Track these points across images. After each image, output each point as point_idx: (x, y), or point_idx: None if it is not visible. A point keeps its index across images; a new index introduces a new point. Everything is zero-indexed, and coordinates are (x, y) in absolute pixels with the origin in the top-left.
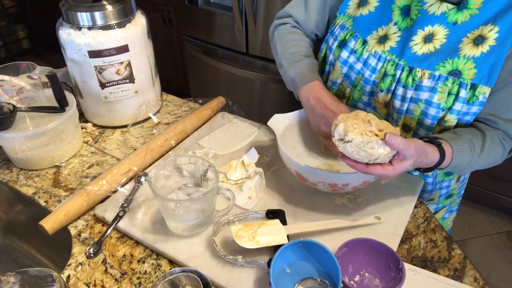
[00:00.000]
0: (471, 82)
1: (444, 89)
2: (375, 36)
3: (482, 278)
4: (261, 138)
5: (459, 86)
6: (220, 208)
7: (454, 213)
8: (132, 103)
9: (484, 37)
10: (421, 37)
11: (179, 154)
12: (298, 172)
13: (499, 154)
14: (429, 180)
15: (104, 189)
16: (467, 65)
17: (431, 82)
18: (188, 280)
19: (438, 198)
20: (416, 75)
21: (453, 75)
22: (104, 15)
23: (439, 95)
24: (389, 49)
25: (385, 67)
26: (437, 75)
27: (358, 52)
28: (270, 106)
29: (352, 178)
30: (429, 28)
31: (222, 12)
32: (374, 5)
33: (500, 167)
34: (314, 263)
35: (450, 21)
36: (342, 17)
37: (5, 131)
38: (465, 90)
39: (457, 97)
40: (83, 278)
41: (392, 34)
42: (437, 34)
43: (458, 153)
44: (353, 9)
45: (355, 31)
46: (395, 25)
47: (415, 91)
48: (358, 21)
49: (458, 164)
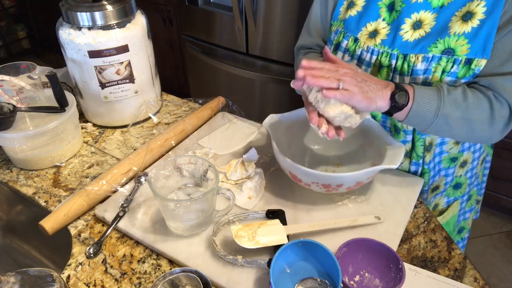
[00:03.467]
0: (466, 57)
1: (438, 69)
2: (365, 32)
3: (482, 278)
4: (261, 138)
5: (453, 63)
6: (220, 208)
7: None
8: (132, 103)
9: (472, 13)
10: (409, 24)
11: (179, 154)
12: (292, 172)
13: (484, 104)
14: (431, 165)
15: (104, 189)
16: (459, 42)
17: (425, 64)
18: (188, 280)
19: (444, 186)
20: (410, 61)
21: (446, 54)
22: (104, 15)
23: (434, 75)
24: (380, 42)
25: (379, 59)
26: (430, 56)
27: (351, 50)
28: (270, 106)
29: (345, 179)
30: (416, 15)
31: (222, 12)
32: (361, 5)
33: (500, 167)
34: (314, 263)
35: (436, 6)
36: (335, 23)
37: (5, 131)
38: (458, 66)
39: (448, 73)
40: (83, 278)
41: (381, 29)
42: (425, 20)
43: (421, 92)
44: (343, 13)
45: (346, 31)
46: (384, 20)
47: (411, 76)
48: (348, 22)
49: (425, 93)
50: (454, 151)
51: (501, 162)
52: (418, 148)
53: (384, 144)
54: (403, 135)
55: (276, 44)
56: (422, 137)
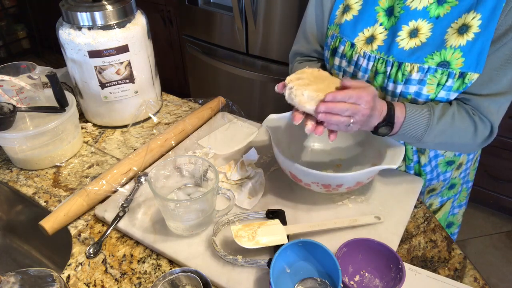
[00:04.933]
0: (460, 71)
1: (433, 81)
2: (362, 37)
3: (482, 278)
4: (261, 138)
5: (448, 76)
6: (220, 208)
7: (464, 208)
8: (132, 103)
9: (467, 26)
10: (406, 32)
11: (179, 154)
12: (291, 172)
13: (469, 128)
14: (427, 169)
15: (104, 189)
16: (455, 55)
17: (420, 75)
18: (188, 280)
19: (440, 189)
20: (405, 70)
21: (441, 66)
22: (104, 15)
23: (428, 87)
24: (377, 48)
25: (375, 66)
26: (426, 67)
27: (347, 55)
28: (270, 106)
29: (345, 179)
30: (413, 23)
31: (222, 12)
32: (357, 9)
33: (500, 167)
34: (314, 263)
35: (432, 16)
36: (331, 27)
37: (5, 131)
38: (453, 80)
39: (443, 86)
40: (83, 278)
41: (378, 34)
42: (421, 28)
43: (412, 110)
44: (339, 17)
45: (342, 36)
46: (381, 25)
47: (404, 85)
48: (344, 27)
49: (414, 123)
50: (450, 154)
51: (501, 162)
52: (409, 151)
53: (384, 144)
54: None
55: (276, 44)
56: None
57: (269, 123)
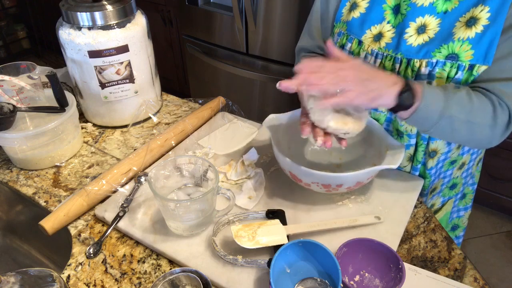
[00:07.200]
0: (469, 63)
1: (442, 74)
2: (369, 35)
3: (482, 278)
4: (261, 138)
5: (457, 69)
6: (220, 208)
7: (469, 210)
8: (132, 103)
9: (476, 18)
10: (414, 28)
11: (179, 154)
12: (291, 172)
13: (488, 107)
14: (433, 171)
15: (104, 189)
16: (464, 47)
17: (429, 69)
18: (188, 280)
19: (440, 187)
20: (414, 66)
21: (450, 59)
22: (104, 15)
23: (438, 80)
24: (384, 45)
25: (383, 63)
26: (434, 61)
27: (355, 53)
28: (270, 106)
29: (345, 179)
30: (421, 19)
31: (222, 12)
32: (364, 7)
33: (500, 167)
34: (314, 263)
35: (440, 11)
36: (338, 25)
37: (5, 131)
38: (462, 72)
39: (452, 79)
40: (83, 278)
41: (386, 32)
42: (429, 24)
43: (429, 91)
44: (346, 14)
45: (349, 33)
46: (388, 23)
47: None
48: (351, 24)
49: (432, 92)
50: (454, 155)
51: (501, 162)
52: (419, 153)
53: (384, 145)
54: (407, 139)
55: (276, 44)
56: (425, 142)
57: (269, 123)
